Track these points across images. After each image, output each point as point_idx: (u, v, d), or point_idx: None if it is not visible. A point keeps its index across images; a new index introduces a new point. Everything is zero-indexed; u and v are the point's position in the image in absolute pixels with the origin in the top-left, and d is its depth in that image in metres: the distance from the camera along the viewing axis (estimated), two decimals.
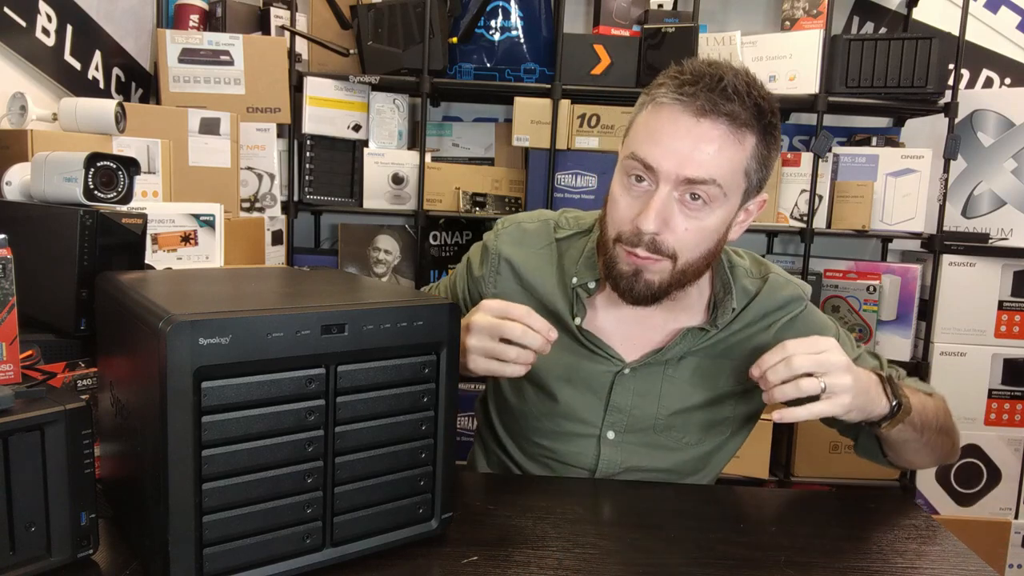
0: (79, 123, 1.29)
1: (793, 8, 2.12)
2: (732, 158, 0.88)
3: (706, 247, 0.93)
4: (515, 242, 1.09)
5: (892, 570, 0.78)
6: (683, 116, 0.87)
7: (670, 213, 0.89)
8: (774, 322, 1.04)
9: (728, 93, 0.86)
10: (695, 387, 1.03)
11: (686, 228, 0.90)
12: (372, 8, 2.03)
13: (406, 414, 0.74)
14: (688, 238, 0.90)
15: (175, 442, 0.60)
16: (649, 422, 1.03)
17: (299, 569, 0.69)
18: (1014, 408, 2.16)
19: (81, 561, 0.68)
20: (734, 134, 0.87)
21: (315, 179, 2.10)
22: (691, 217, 0.90)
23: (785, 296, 1.04)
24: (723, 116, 0.86)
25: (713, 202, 0.89)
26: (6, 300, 0.73)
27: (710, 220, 0.90)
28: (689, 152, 0.87)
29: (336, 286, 0.82)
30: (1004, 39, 2.35)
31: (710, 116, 0.86)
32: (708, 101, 0.86)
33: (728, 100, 0.86)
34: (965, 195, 2.24)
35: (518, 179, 2.19)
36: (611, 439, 1.04)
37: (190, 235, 1.17)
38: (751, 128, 0.88)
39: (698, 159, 0.87)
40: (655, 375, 1.03)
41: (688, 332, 1.01)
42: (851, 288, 2.16)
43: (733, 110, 0.86)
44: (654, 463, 1.04)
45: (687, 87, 0.87)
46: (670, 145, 0.87)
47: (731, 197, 0.91)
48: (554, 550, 0.78)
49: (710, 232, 0.92)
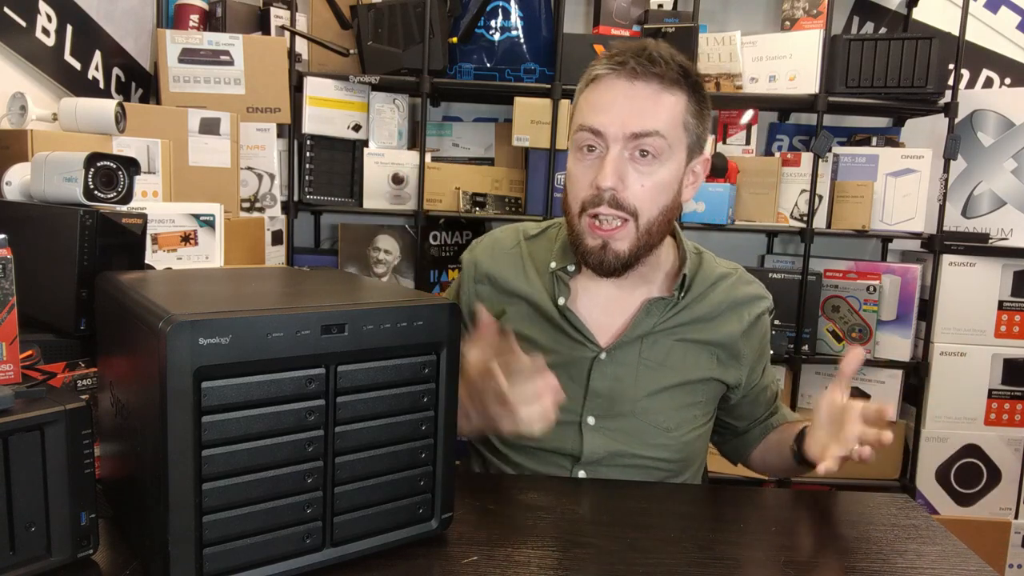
0: (79, 123, 1.29)
1: (793, 8, 2.12)
2: (670, 111, 0.97)
3: (663, 202, 1.00)
4: (487, 252, 1.17)
5: (892, 570, 0.78)
6: (618, 81, 0.97)
7: (624, 170, 0.97)
8: (745, 314, 1.11)
9: (654, 57, 0.97)
10: (669, 368, 1.07)
11: (642, 184, 0.98)
12: (372, 8, 2.03)
13: (406, 414, 0.74)
14: (645, 193, 0.98)
15: (175, 442, 0.60)
16: (628, 406, 1.06)
17: (299, 569, 0.69)
18: (1014, 408, 2.16)
19: (81, 561, 0.68)
20: (666, 90, 0.97)
21: (315, 179, 2.10)
22: (644, 173, 0.98)
23: (754, 292, 1.13)
24: (653, 76, 0.96)
25: (661, 155, 0.97)
26: (6, 300, 0.73)
27: (662, 173, 0.98)
28: (630, 110, 0.96)
29: (336, 286, 0.82)
30: (1004, 39, 2.35)
31: (642, 78, 0.96)
32: (637, 63, 0.96)
33: (654, 63, 0.96)
34: (965, 195, 2.24)
35: (518, 179, 2.19)
36: (592, 425, 1.06)
37: (190, 235, 1.17)
38: (679, 85, 0.98)
39: (639, 115, 0.96)
40: (631, 359, 1.06)
41: (652, 304, 1.06)
42: (851, 288, 2.16)
43: (661, 70, 0.96)
44: (636, 449, 1.06)
45: (616, 57, 0.98)
46: (611, 108, 0.97)
47: (676, 150, 0.99)
48: (554, 550, 0.78)
49: (664, 185, 0.99)
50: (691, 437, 1.09)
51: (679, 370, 1.08)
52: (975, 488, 2.18)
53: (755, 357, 1.13)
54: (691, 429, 1.09)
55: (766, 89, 2.12)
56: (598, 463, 1.06)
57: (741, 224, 2.13)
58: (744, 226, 2.13)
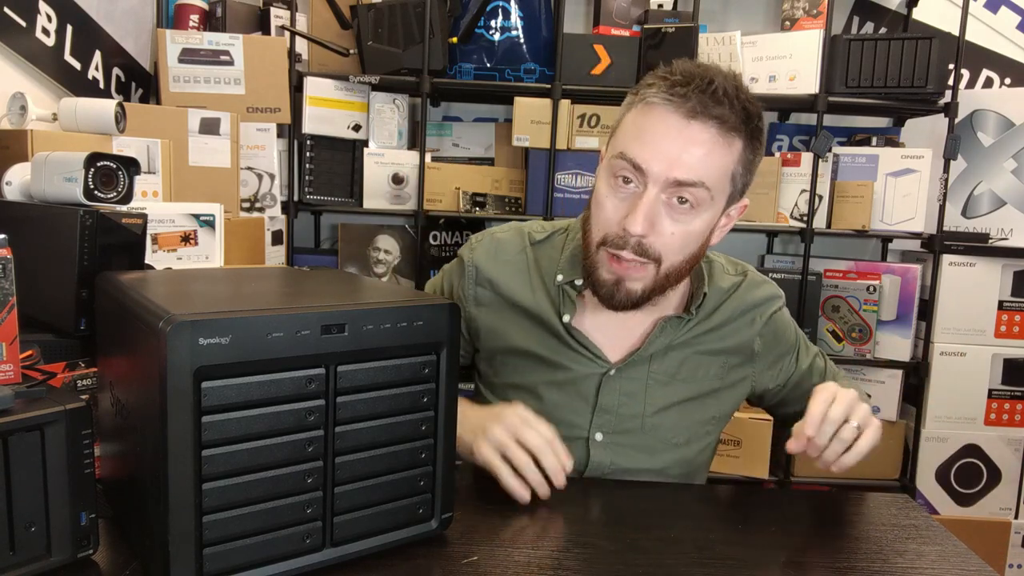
0: (79, 123, 1.29)
1: (793, 8, 2.12)
2: (720, 161, 0.88)
3: (690, 251, 0.94)
4: (490, 255, 1.09)
5: (892, 570, 0.78)
6: (673, 117, 0.87)
7: (657, 216, 0.89)
8: (756, 317, 1.07)
9: (718, 96, 0.86)
10: (680, 383, 1.04)
11: (672, 232, 0.90)
12: (372, 8, 2.03)
13: (406, 414, 0.74)
14: (674, 242, 0.91)
15: (175, 442, 0.60)
16: (637, 422, 1.04)
17: (299, 569, 0.69)
18: (1014, 408, 2.16)
19: (81, 561, 0.68)
20: (723, 137, 0.87)
21: (315, 179, 2.10)
22: (677, 221, 0.90)
23: (764, 294, 1.09)
24: (713, 119, 0.86)
25: (700, 206, 0.89)
26: (6, 300, 0.73)
27: (696, 224, 0.91)
28: (679, 154, 0.86)
29: (336, 286, 0.82)
30: (1004, 39, 2.35)
31: (700, 118, 0.86)
32: (699, 103, 0.86)
33: (718, 103, 0.86)
34: (965, 195, 2.24)
35: (518, 179, 2.19)
36: (599, 440, 1.04)
37: (190, 235, 1.17)
38: (739, 132, 0.88)
39: (688, 161, 0.86)
40: (640, 375, 1.03)
41: (666, 323, 1.02)
42: (851, 288, 2.16)
43: (723, 113, 0.86)
44: (643, 464, 1.04)
45: (678, 88, 0.87)
46: (659, 146, 0.87)
47: (717, 201, 0.91)
48: (554, 550, 0.78)
49: (695, 236, 0.92)
50: (700, 450, 1.08)
51: (690, 383, 1.05)
52: (975, 488, 2.18)
53: (776, 353, 1.10)
54: (701, 442, 1.07)
55: (766, 89, 2.12)
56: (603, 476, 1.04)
57: (741, 224, 2.13)
58: (744, 226, 2.13)
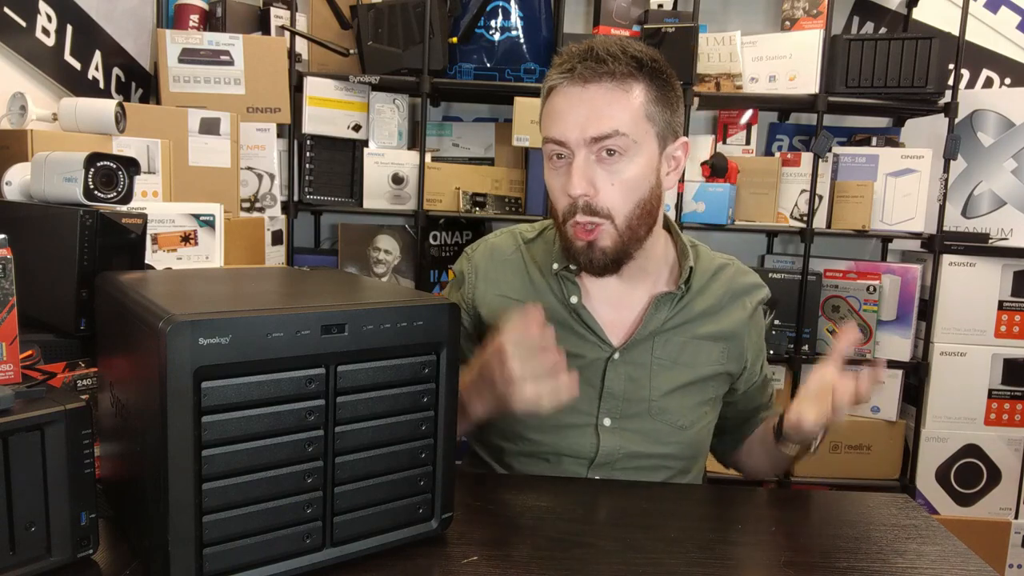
0: (79, 123, 1.29)
1: (793, 8, 2.12)
2: (626, 107, 0.96)
3: (638, 197, 0.98)
4: (487, 257, 1.15)
5: (892, 570, 0.78)
6: (571, 89, 0.97)
7: (592, 174, 0.96)
8: (747, 303, 1.12)
9: (601, 56, 0.95)
10: (682, 366, 1.08)
11: (612, 183, 0.97)
12: (372, 8, 2.03)
13: (406, 414, 0.74)
14: (615, 193, 0.97)
15: (175, 442, 0.60)
16: (643, 406, 1.06)
17: (299, 569, 0.69)
18: (1014, 408, 2.16)
19: (81, 561, 0.68)
20: (620, 87, 0.96)
21: (315, 179, 2.10)
22: (612, 171, 0.97)
23: (753, 281, 1.15)
24: (603, 76, 0.95)
25: (627, 151, 0.96)
26: (6, 300, 0.73)
27: (631, 169, 0.97)
28: (587, 115, 0.95)
29: (336, 286, 0.82)
30: (1004, 39, 2.35)
31: (592, 81, 0.95)
32: (585, 68, 0.95)
33: (602, 62, 0.95)
34: (965, 195, 2.24)
35: (518, 179, 2.19)
36: (608, 426, 1.06)
37: (190, 235, 1.17)
38: (634, 77, 0.96)
39: (596, 118, 0.95)
40: (644, 359, 1.06)
41: (659, 299, 1.06)
42: (851, 288, 2.16)
43: (610, 69, 0.95)
44: (651, 448, 1.06)
45: (566, 65, 0.97)
46: (568, 117, 0.96)
47: (644, 144, 0.97)
48: (554, 550, 0.78)
49: (636, 181, 0.98)
50: (702, 432, 1.11)
51: (692, 367, 1.08)
52: (975, 488, 2.18)
53: (755, 350, 1.14)
54: (700, 423, 1.10)
55: (766, 89, 2.12)
56: (612, 465, 1.06)
57: (741, 224, 2.13)
58: (744, 226, 2.13)
